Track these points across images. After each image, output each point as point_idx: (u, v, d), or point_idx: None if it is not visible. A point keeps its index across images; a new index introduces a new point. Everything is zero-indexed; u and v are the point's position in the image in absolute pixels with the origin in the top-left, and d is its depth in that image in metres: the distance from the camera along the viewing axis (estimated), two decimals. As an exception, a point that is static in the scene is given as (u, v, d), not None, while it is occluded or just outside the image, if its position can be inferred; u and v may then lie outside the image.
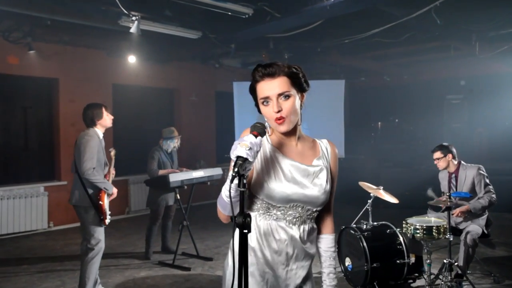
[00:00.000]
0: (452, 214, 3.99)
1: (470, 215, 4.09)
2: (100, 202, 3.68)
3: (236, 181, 1.36)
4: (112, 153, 4.08)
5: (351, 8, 4.94)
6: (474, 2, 5.52)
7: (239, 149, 1.38)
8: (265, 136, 1.57)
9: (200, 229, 6.50)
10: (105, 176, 3.84)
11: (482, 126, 8.95)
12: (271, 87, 1.54)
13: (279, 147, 1.64)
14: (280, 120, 1.53)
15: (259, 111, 1.63)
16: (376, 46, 7.17)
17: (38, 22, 5.74)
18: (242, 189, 1.36)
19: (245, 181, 1.37)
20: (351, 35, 6.39)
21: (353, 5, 4.87)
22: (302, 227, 1.62)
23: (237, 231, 1.48)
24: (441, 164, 4.29)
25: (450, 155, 4.25)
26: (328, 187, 1.63)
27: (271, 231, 1.61)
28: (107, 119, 3.84)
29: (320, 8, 4.96)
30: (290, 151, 1.64)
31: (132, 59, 7.17)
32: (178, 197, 5.06)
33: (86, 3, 4.99)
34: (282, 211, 1.60)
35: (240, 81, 8.56)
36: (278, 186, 1.57)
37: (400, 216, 4.29)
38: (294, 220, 1.61)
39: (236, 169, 1.34)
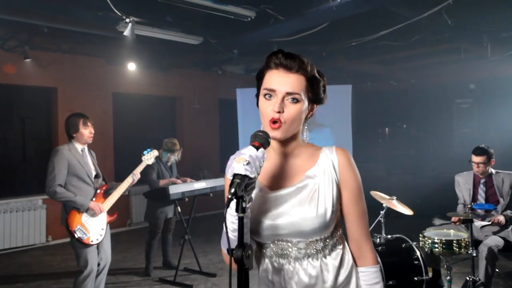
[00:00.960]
0: (489, 222, 3.75)
1: (501, 227, 3.82)
2: (68, 222, 3.28)
3: (233, 205, 1.10)
4: (148, 156, 3.88)
5: (358, 9, 4.70)
6: (486, 2, 5.28)
7: (235, 165, 1.11)
8: None
9: (202, 242, 6.24)
10: (99, 188, 3.58)
11: (494, 131, 8.64)
12: (282, 81, 1.25)
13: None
14: (276, 124, 1.23)
15: (257, 103, 1.35)
16: (384, 50, 6.94)
17: (35, 30, 5.58)
18: (241, 215, 1.09)
19: (244, 204, 1.09)
20: (358, 37, 6.16)
21: (360, 6, 4.63)
22: (298, 264, 1.29)
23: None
24: (481, 169, 3.96)
25: (493, 161, 4.00)
26: (315, 209, 1.26)
27: (265, 271, 1.35)
28: (84, 133, 3.41)
29: (326, 10, 4.73)
30: (268, 172, 1.34)
31: (132, 66, 7.01)
32: (179, 210, 4.82)
33: (84, 9, 4.81)
34: (269, 248, 1.33)
35: (244, 87, 8.35)
36: (252, 220, 1.27)
37: (414, 227, 4.02)
38: (288, 257, 1.30)
39: (232, 190, 1.07)
